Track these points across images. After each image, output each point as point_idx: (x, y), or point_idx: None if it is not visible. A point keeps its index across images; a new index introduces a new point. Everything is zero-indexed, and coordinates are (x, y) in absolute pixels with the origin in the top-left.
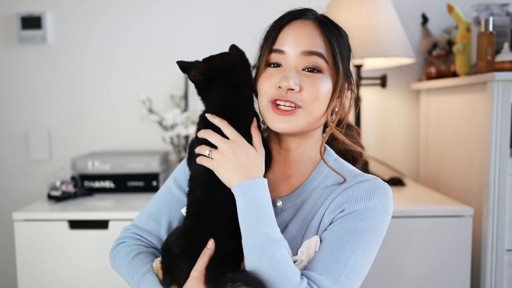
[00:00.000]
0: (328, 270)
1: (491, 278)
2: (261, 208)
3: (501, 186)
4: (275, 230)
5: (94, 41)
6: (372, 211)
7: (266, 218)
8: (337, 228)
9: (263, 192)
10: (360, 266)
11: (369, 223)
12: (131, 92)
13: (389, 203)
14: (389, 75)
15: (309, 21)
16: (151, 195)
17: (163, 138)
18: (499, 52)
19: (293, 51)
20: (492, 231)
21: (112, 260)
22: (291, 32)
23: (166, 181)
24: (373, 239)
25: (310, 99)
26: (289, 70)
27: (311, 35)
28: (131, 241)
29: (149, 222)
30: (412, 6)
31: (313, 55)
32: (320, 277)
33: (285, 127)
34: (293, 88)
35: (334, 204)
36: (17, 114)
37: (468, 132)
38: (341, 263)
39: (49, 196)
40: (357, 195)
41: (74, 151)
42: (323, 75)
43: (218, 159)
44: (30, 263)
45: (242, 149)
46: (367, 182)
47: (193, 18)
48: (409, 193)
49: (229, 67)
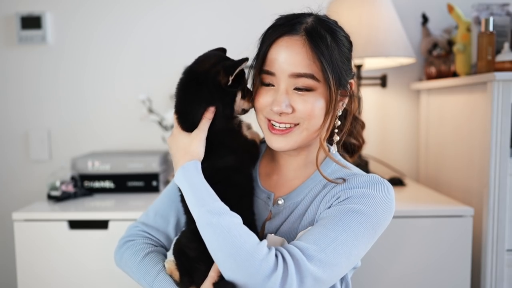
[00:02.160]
0: (315, 240)
1: (491, 278)
2: (194, 189)
3: (501, 186)
4: (214, 205)
5: (94, 41)
6: (369, 198)
7: (202, 197)
8: (332, 209)
9: (190, 174)
10: (350, 246)
11: (365, 207)
12: (131, 92)
13: (389, 198)
14: (389, 75)
15: (296, 38)
16: (151, 195)
17: (163, 138)
18: (499, 52)
19: (282, 73)
20: (492, 231)
21: (118, 259)
22: (279, 53)
23: (173, 179)
24: (367, 224)
25: (305, 116)
26: (280, 93)
27: (299, 55)
28: (140, 239)
29: (157, 219)
30: (412, 6)
31: (302, 77)
32: (306, 244)
33: (282, 146)
34: (284, 111)
35: (330, 194)
36: (17, 114)
37: (468, 132)
38: (330, 237)
39: (49, 196)
40: (354, 183)
41: (74, 151)
42: (315, 92)
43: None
44: (30, 263)
45: (174, 140)
46: (367, 175)
47: (193, 17)
48: (409, 193)
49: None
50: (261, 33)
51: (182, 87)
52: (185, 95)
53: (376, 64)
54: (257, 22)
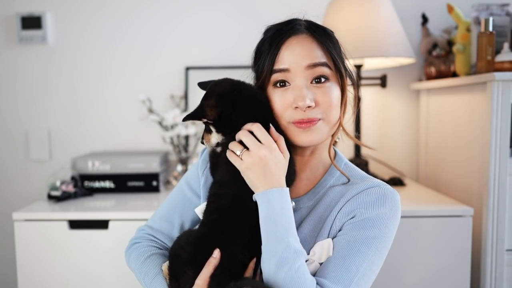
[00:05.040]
0: (339, 278)
1: (491, 278)
2: (286, 217)
3: (501, 186)
4: (297, 240)
5: (94, 41)
6: (382, 220)
7: (290, 228)
8: (348, 236)
9: (287, 202)
10: (369, 274)
11: (379, 231)
12: (131, 92)
13: (398, 211)
14: (389, 75)
15: (303, 35)
16: (151, 195)
17: (163, 138)
18: (499, 52)
19: (298, 67)
20: (492, 231)
21: (127, 259)
22: (291, 49)
23: (178, 183)
24: (382, 248)
25: (327, 108)
26: (300, 88)
27: (311, 48)
28: (145, 242)
29: (162, 223)
30: (412, 6)
31: (318, 66)
32: (332, 285)
33: (311, 139)
34: (310, 105)
35: (345, 209)
36: (17, 114)
37: (468, 132)
38: (351, 272)
39: (49, 196)
40: (367, 202)
41: (74, 151)
42: (331, 82)
43: (247, 162)
44: (30, 263)
45: (273, 155)
46: (378, 188)
47: (193, 17)
48: (409, 193)
49: (232, 89)
50: (261, 33)
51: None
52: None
53: (376, 64)
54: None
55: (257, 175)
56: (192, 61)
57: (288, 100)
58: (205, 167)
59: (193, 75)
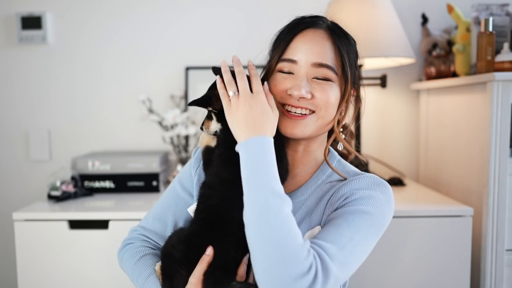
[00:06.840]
0: (333, 239)
1: (491, 278)
2: (269, 164)
3: (501, 186)
4: (281, 187)
5: (94, 41)
6: (375, 199)
7: (273, 174)
8: (342, 210)
9: (271, 151)
10: (362, 247)
11: (373, 209)
12: (131, 92)
13: (391, 200)
14: (389, 75)
15: (321, 31)
16: (151, 195)
17: (163, 138)
18: (499, 52)
19: (305, 61)
20: (492, 231)
21: (120, 261)
22: (304, 41)
23: (171, 182)
24: (375, 226)
25: (322, 104)
26: (300, 78)
27: (322, 47)
28: (138, 243)
29: (155, 223)
30: (412, 6)
31: (324, 68)
32: (326, 244)
33: (298, 132)
34: (304, 96)
35: (336, 195)
36: (17, 114)
37: (468, 132)
38: (346, 238)
39: (49, 196)
40: (359, 185)
41: (74, 151)
42: (332, 83)
43: (234, 106)
44: (30, 263)
45: (259, 105)
46: (369, 177)
47: (193, 17)
48: (409, 193)
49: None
50: (262, 33)
51: None
52: None
53: (376, 64)
54: (255, 23)
55: (239, 124)
56: (192, 61)
57: (286, 86)
58: (198, 166)
59: (193, 75)
